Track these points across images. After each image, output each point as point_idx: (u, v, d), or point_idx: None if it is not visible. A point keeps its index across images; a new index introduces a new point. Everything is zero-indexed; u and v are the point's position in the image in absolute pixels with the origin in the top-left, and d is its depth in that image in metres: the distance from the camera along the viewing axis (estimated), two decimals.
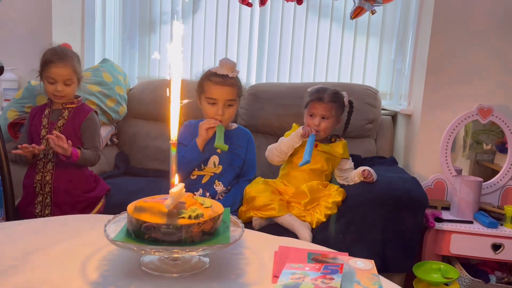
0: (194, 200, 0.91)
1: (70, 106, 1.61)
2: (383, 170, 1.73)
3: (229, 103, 1.63)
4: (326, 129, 1.67)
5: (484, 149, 1.97)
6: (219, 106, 1.62)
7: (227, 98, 1.62)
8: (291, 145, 1.66)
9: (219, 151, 1.65)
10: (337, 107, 1.68)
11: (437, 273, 1.49)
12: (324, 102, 1.67)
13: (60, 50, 1.61)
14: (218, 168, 1.67)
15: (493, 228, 1.58)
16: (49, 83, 1.57)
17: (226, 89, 1.62)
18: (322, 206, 1.54)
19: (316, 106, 1.68)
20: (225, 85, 1.61)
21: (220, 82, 1.61)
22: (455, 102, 1.89)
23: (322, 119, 1.67)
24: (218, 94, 1.61)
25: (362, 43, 2.55)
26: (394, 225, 1.48)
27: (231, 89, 1.63)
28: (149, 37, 2.79)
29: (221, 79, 1.62)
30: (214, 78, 1.62)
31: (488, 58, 1.86)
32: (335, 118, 1.69)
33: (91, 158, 1.60)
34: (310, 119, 1.68)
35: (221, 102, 1.62)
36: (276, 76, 2.66)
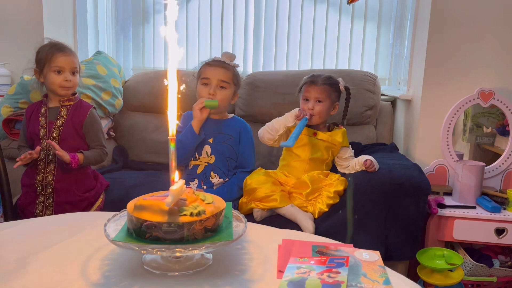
0: (195, 196, 0.89)
1: (68, 103, 1.57)
2: (384, 157, 1.71)
3: (222, 85, 1.66)
4: (321, 112, 1.64)
5: (484, 132, 1.95)
6: (212, 85, 1.65)
7: (220, 78, 1.64)
8: (284, 124, 1.63)
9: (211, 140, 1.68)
10: (331, 90, 1.66)
11: (441, 260, 1.48)
12: (318, 85, 1.65)
13: (60, 42, 1.58)
14: (211, 158, 1.68)
15: (496, 213, 1.57)
16: (56, 74, 1.53)
17: (220, 70, 1.65)
18: (324, 196, 1.52)
19: (309, 90, 1.66)
20: (219, 66, 1.66)
21: (215, 64, 1.67)
22: (455, 86, 1.87)
23: (317, 102, 1.64)
24: (211, 74, 1.65)
25: (359, 28, 2.51)
26: (397, 212, 1.47)
27: (225, 71, 1.66)
28: (142, 27, 2.74)
29: (218, 62, 1.68)
30: (211, 62, 1.69)
31: (489, 40, 1.83)
32: (330, 102, 1.66)
33: (97, 158, 1.59)
34: (305, 103, 1.66)
35: (214, 82, 1.64)
36: (273, 64, 2.62)
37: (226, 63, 1.68)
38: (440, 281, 1.47)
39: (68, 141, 1.54)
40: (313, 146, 1.63)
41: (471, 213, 1.57)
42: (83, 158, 1.53)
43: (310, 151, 1.63)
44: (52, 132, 1.54)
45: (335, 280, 0.78)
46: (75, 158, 1.50)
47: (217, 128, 1.69)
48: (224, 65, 1.67)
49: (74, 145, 1.55)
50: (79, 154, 1.52)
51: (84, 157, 1.53)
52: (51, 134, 1.54)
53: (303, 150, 1.64)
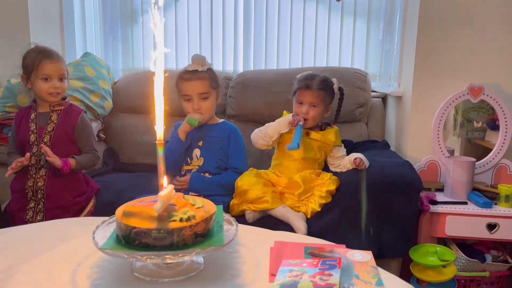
0: (185, 201, 0.88)
1: (58, 108, 1.55)
2: (376, 155, 1.71)
3: (203, 96, 1.66)
4: (315, 117, 1.64)
5: (474, 127, 1.96)
6: (194, 101, 1.65)
7: (199, 91, 1.64)
8: (277, 130, 1.62)
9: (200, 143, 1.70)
10: (326, 95, 1.65)
11: (433, 256, 1.49)
12: (312, 90, 1.63)
13: (47, 48, 1.55)
14: (200, 161, 1.69)
15: (488, 208, 1.57)
16: (43, 82, 1.50)
17: (196, 83, 1.64)
18: (316, 196, 1.52)
19: (304, 94, 1.64)
20: (194, 80, 1.64)
21: (190, 78, 1.64)
22: (445, 82, 1.87)
23: (311, 107, 1.63)
24: (189, 90, 1.65)
25: (349, 24, 2.51)
26: (389, 210, 1.47)
27: (202, 82, 1.65)
28: (131, 27, 2.72)
29: (191, 74, 1.65)
30: (185, 75, 1.66)
31: (478, 36, 1.83)
32: (324, 106, 1.66)
33: (89, 162, 1.58)
34: (299, 106, 1.65)
35: (195, 97, 1.65)
36: (263, 63, 2.62)
37: (199, 71, 1.66)
38: (433, 277, 1.47)
39: (59, 146, 1.52)
40: (306, 146, 1.63)
41: (463, 209, 1.58)
42: (75, 163, 1.52)
43: (303, 150, 1.62)
44: (43, 138, 1.52)
45: (328, 283, 0.78)
46: (67, 163, 1.48)
47: (206, 131, 1.71)
48: (198, 76, 1.65)
49: (65, 150, 1.53)
50: (70, 159, 1.51)
51: (76, 162, 1.52)
52: (42, 140, 1.52)
53: (298, 150, 1.63)
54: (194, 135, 1.69)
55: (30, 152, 1.49)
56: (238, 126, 2.22)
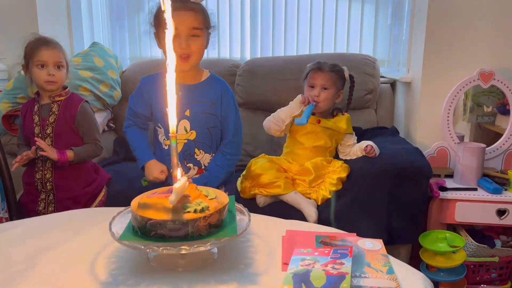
0: (198, 192, 0.89)
1: (59, 99, 1.55)
2: (385, 142, 1.71)
3: (193, 33, 1.29)
4: (326, 99, 1.63)
5: (484, 111, 1.94)
6: (182, 38, 1.28)
7: (191, 26, 1.28)
8: (290, 113, 1.62)
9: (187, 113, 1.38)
10: (336, 78, 1.65)
11: (443, 242, 1.50)
12: (324, 71, 1.64)
13: (46, 37, 1.55)
14: (191, 134, 1.41)
15: (498, 194, 1.57)
16: (39, 69, 1.50)
17: (187, 15, 1.27)
18: (327, 183, 1.53)
19: (315, 76, 1.65)
20: (185, 10, 1.27)
21: (180, 7, 1.25)
22: (455, 67, 1.86)
23: (322, 89, 1.63)
24: (178, 22, 1.25)
25: (357, 9, 2.49)
26: (399, 197, 1.48)
27: (195, 14, 1.29)
28: (137, 15, 2.71)
29: (180, 3, 1.26)
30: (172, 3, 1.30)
31: (489, 21, 1.81)
32: (336, 89, 1.65)
33: (90, 153, 1.57)
34: (310, 90, 1.65)
35: (184, 32, 1.27)
36: (270, 50, 2.61)
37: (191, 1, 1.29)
38: (443, 263, 1.48)
39: (62, 137, 1.53)
40: (316, 134, 1.64)
41: (473, 195, 1.58)
42: (74, 155, 1.51)
43: (314, 139, 1.63)
44: (46, 129, 1.52)
45: (340, 272, 0.79)
46: (63, 155, 1.48)
47: (192, 95, 1.37)
48: (190, 6, 1.28)
49: (68, 141, 1.53)
50: (68, 151, 1.50)
51: (74, 154, 1.51)
52: (45, 131, 1.52)
53: (306, 138, 1.64)
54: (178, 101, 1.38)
55: (35, 145, 1.50)
56: (246, 114, 2.24)
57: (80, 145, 1.56)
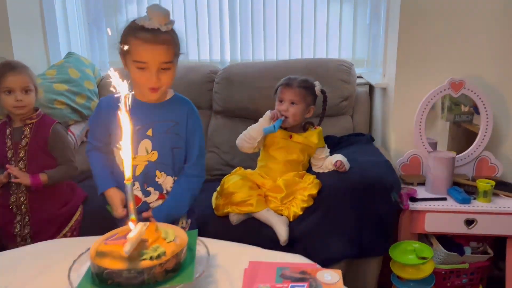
0: (157, 234, 0.91)
1: (30, 122, 1.55)
2: (357, 153, 1.74)
3: (164, 67, 1.23)
4: (295, 114, 1.65)
5: (462, 110, 1.96)
6: (152, 71, 1.21)
7: (162, 60, 1.21)
8: (260, 130, 1.63)
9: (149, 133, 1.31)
10: (306, 94, 1.66)
11: (412, 254, 1.54)
12: (293, 87, 1.65)
13: (13, 61, 1.54)
14: (152, 155, 1.32)
15: (466, 204, 1.61)
16: (6, 95, 1.49)
17: (159, 49, 1.20)
18: (298, 200, 1.56)
19: (284, 91, 1.66)
20: (157, 43, 1.20)
21: (150, 40, 1.19)
22: (427, 75, 1.87)
23: (291, 104, 1.65)
24: (149, 56, 1.20)
25: (335, 9, 2.49)
26: (369, 211, 1.51)
27: (166, 48, 1.22)
28: (115, 18, 2.69)
29: (151, 35, 1.19)
30: (142, 34, 1.19)
31: (460, 29, 1.81)
32: (305, 105, 1.66)
33: (64, 175, 1.57)
34: (280, 104, 1.67)
35: (154, 66, 1.21)
36: (250, 53, 2.61)
37: (162, 31, 1.20)
38: (412, 275, 1.52)
39: (36, 160, 1.53)
40: (288, 149, 1.66)
41: (442, 206, 1.61)
42: (47, 178, 1.51)
43: (286, 153, 1.66)
44: (18, 153, 1.52)
45: None
46: (37, 180, 1.49)
47: (155, 114, 1.31)
48: (161, 38, 1.20)
49: (42, 163, 1.54)
50: (42, 175, 1.51)
51: (48, 177, 1.51)
52: (18, 155, 1.52)
53: (279, 152, 1.67)
54: (139, 121, 1.27)
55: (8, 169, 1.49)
56: (224, 122, 2.26)
57: (55, 166, 1.57)
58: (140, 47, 1.20)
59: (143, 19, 1.20)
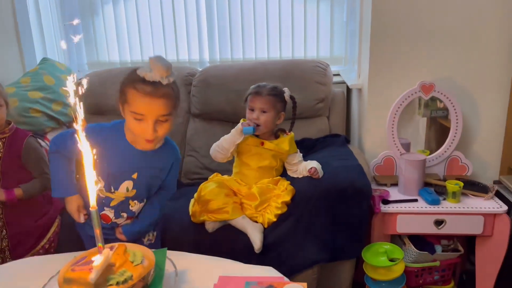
0: (124, 257, 0.94)
1: (3, 136, 1.54)
2: (331, 157, 1.77)
3: (162, 119, 1.23)
4: (266, 122, 1.67)
5: (438, 106, 2.00)
6: (149, 123, 1.21)
7: (160, 113, 1.21)
8: (232, 141, 1.66)
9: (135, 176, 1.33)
10: (276, 101, 1.68)
11: (383, 256, 1.58)
12: (262, 95, 1.67)
13: None
14: (131, 192, 1.36)
15: (436, 205, 1.66)
16: None
17: (158, 103, 1.20)
18: (272, 207, 1.59)
19: (254, 100, 1.68)
20: (156, 97, 1.19)
21: (150, 93, 1.19)
22: (400, 77, 1.90)
23: (262, 112, 1.67)
24: (147, 109, 1.20)
25: (313, 7, 2.49)
26: (341, 216, 1.55)
27: (165, 102, 1.21)
28: (92, 19, 2.67)
29: (151, 88, 1.19)
30: (141, 86, 1.19)
31: (428, 33, 1.84)
32: (275, 112, 1.69)
33: (40, 188, 1.57)
34: (250, 113, 1.69)
35: (152, 118, 1.21)
36: (229, 52, 2.61)
37: (163, 84, 1.20)
38: (384, 276, 1.58)
39: (10, 174, 1.53)
40: (261, 155, 1.69)
41: (412, 208, 1.66)
42: (22, 192, 1.52)
43: (258, 160, 1.68)
44: None
45: None
46: (11, 195, 1.49)
47: (144, 161, 1.32)
48: (161, 92, 1.20)
49: (17, 177, 1.54)
50: (16, 190, 1.51)
51: (23, 191, 1.52)
52: None
53: (252, 159, 1.69)
54: (126, 167, 1.31)
55: None
56: (202, 125, 2.27)
57: (30, 179, 1.57)
58: (138, 99, 1.20)
59: (144, 70, 1.20)
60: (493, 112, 1.89)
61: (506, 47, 1.82)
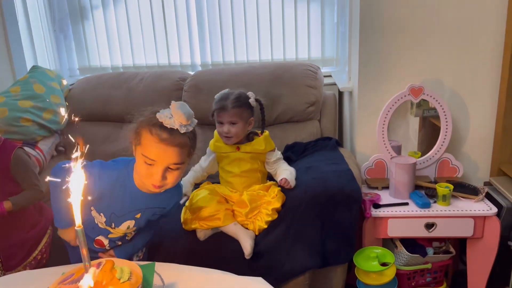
0: (111, 275, 0.94)
1: None
2: (322, 161, 1.78)
3: (173, 167, 1.18)
4: (237, 133, 1.69)
5: (430, 106, 2.01)
6: (159, 170, 1.17)
7: (171, 162, 1.17)
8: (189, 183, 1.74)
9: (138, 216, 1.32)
10: (242, 111, 1.69)
11: (374, 260, 1.59)
12: (228, 110, 1.68)
13: None
14: (131, 229, 1.36)
15: (426, 209, 1.67)
16: None
17: (171, 151, 1.15)
18: (263, 214, 1.60)
19: (221, 115, 1.70)
20: (171, 145, 1.14)
21: (165, 140, 1.14)
22: (389, 79, 1.90)
23: (231, 124, 1.69)
24: (159, 156, 1.15)
25: (303, 8, 2.49)
26: (331, 221, 1.55)
27: (179, 151, 1.16)
28: (82, 24, 2.67)
29: (168, 135, 1.14)
30: (158, 131, 1.14)
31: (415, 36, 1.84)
32: (243, 121, 1.70)
33: (30, 199, 1.56)
34: (220, 126, 1.71)
35: (162, 166, 1.16)
36: (221, 55, 2.61)
37: (181, 132, 1.15)
38: (376, 280, 1.59)
39: (0, 187, 1.53)
40: (240, 160, 1.71)
41: (403, 211, 1.67)
42: (12, 205, 1.50)
43: (239, 165, 1.71)
44: None
45: None
46: (0, 208, 1.48)
47: (149, 202, 1.30)
48: (177, 141, 1.15)
49: (8, 189, 1.53)
50: (6, 202, 1.50)
51: (12, 204, 1.51)
52: None
53: (232, 166, 1.72)
54: (131, 208, 1.29)
55: None
56: None
57: (20, 191, 1.56)
58: (152, 145, 1.15)
59: (164, 115, 1.15)
60: (483, 113, 1.90)
61: (495, 48, 1.82)
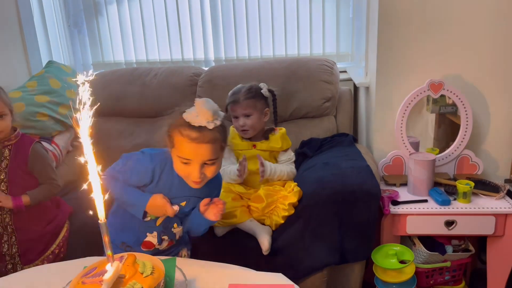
0: (134, 269, 0.93)
1: (9, 143, 1.54)
2: (339, 157, 1.76)
3: (209, 163, 1.21)
4: (253, 125, 1.70)
5: (447, 102, 1.98)
6: (196, 167, 1.20)
7: (206, 158, 1.20)
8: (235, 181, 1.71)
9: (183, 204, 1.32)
10: (255, 101, 1.70)
11: (393, 258, 1.57)
12: (240, 101, 1.69)
13: None
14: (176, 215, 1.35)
15: (446, 206, 1.64)
16: None
17: (204, 148, 1.18)
18: (279, 209, 1.58)
19: (234, 108, 1.71)
20: (202, 143, 1.17)
21: (196, 139, 1.16)
22: (408, 75, 1.87)
23: (246, 117, 1.69)
24: (193, 155, 1.19)
25: (318, 2, 2.47)
26: (350, 218, 1.53)
27: (211, 147, 1.19)
28: (96, 20, 2.67)
29: (197, 133, 1.16)
30: (187, 132, 1.17)
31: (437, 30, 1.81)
32: (258, 113, 1.70)
33: (47, 194, 1.58)
34: (235, 120, 1.72)
35: (198, 163, 1.20)
36: (234, 51, 2.60)
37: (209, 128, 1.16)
38: (395, 278, 1.56)
39: (17, 181, 1.54)
40: (256, 159, 1.69)
41: (422, 209, 1.64)
42: (29, 199, 1.52)
43: (255, 162, 1.69)
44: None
45: None
46: (19, 202, 1.50)
47: (195, 191, 1.30)
48: (207, 137, 1.17)
49: (24, 183, 1.54)
50: (24, 196, 1.51)
51: (30, 198, 1.52)
52: None
53: (249, 163, 1.70)
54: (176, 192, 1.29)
55: None
56: None
57: (37, 185, 1.57)
58: (185, 145, 1.18)
59: (190, 115, 1.17)
60: (505, 109, 1.86)
61: None
